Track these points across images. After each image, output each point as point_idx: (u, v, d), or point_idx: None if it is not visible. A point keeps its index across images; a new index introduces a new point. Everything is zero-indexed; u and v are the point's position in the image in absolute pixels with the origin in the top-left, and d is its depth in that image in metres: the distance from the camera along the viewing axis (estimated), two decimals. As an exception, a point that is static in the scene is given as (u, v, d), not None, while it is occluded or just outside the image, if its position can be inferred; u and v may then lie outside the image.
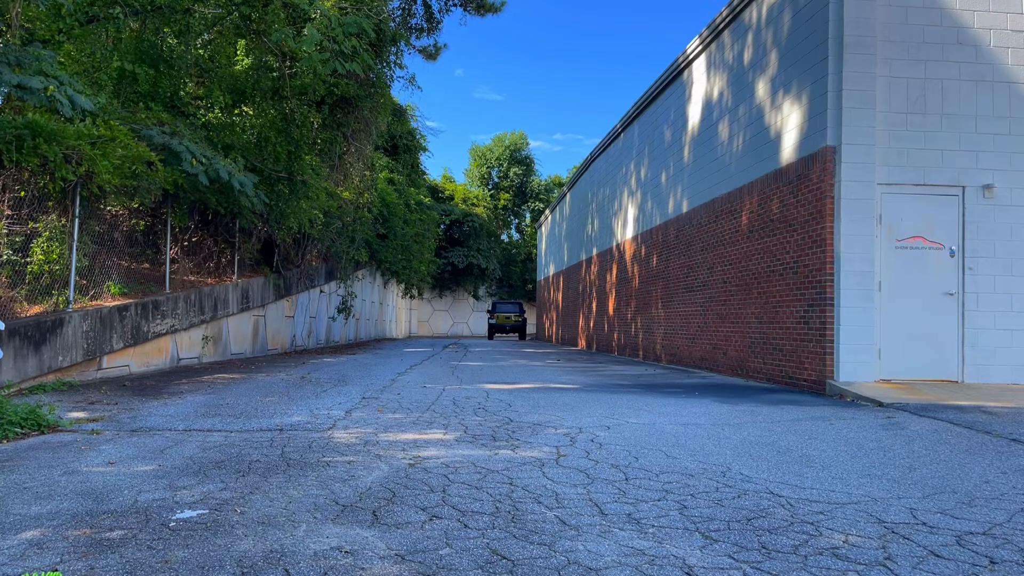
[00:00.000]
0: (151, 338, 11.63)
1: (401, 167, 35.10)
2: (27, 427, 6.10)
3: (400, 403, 8.55)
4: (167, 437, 6.04)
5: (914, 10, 10.25)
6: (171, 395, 8.78)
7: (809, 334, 10.42)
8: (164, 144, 10.89)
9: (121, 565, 3.09)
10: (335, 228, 20.84)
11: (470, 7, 18.07)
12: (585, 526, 3.75)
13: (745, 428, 6.93)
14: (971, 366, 10.09)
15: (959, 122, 10.23)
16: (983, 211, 10.21)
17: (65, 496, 4.17)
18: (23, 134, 8.40)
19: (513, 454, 5.58)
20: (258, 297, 16.69)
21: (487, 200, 54.75)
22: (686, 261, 15.95)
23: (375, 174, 26.12)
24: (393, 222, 29.48)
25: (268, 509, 3.96)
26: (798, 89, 10.95)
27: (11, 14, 9.17)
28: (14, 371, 8.41)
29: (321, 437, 6.16)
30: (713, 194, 14.32)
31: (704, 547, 3.47)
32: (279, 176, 15.04)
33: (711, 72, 14.80)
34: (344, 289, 23.93)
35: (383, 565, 3.14)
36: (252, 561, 3.16)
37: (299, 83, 14.41)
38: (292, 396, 8.94)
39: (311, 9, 10.60)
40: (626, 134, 21.91)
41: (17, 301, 9.23)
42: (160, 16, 12.33)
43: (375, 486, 4.50)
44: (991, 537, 3.69)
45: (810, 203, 10.47)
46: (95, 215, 10.69)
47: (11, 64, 7.98)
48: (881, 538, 3.64)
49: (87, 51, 11.91)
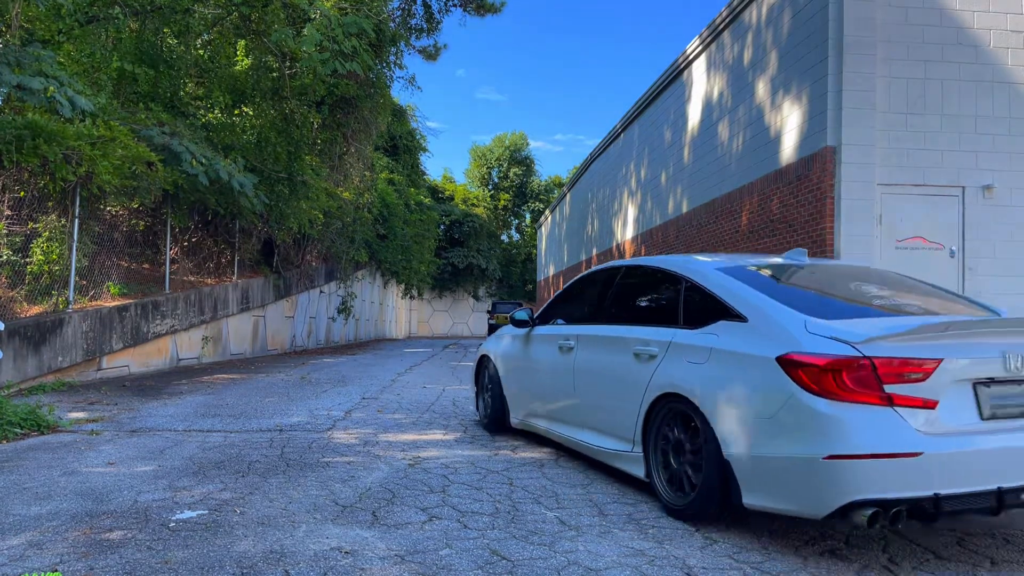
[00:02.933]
0: (151, 338, 11.63)
1: (401, 167, 35.11)
2: (27, 427, 6.10)
3: (400, 403, 8.55)
4: (167, 437, 6.04)
5: (914, 10, 10.25)
6: (171, 395, 8.78)
7: (809, 334, 10.41)
8: (164, 144, 10.88)
9: (121, 565, 3.09)
10: (335, 228, 20.84)
11: (470, 7, 18.07)
12: (585, 526, 3.75)
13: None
14: (971, 366, 10.08)
15: (959, 122, 10.23)
16: (983, 212, 10.21)
17: (65, 496, 4.16)
18: (23, 134, 8.39)
19: (513, 455, 5.58)
20: (258, 297, 16.69)
21: (487, 200, 54.77)
22: (686, 261, 15.93)
23: (375, 174, 26.13)
24: (393, 222, 29.49)
25: (268, 509, 3.96)
26: (798, 89, 10.96)
27: (11, 14, 9.17)
28: (14, 371, 8.41)
29: (321, 437, 6.16)
30: (713, 194, 14.32)
31: (704, 547, 3.47)
32: (279, 176, 15.03)
33: (711, 72, 14.80)
34: (344, 289, 23.94)
35: (383, 565, 3.14)
36: (252, 561, 3.16)
37: (299, 83, 14.41)
38: (292, 396, 8.94)
39: (311, 9, 10.60)
40: (626, 134, 21.92)
41: (17, 301, 9.23)
42: (160, 16, 12.33)
43: (375, 486, 4.50)
44: (991, 537, 3.69)
45: (810, 203, 10.48)
46: (95, 215, 10.69)
47: (11, 64, 7.98)
48: (881, 538, 3.65)
49: (87, 51, 11.91)
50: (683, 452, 4.02)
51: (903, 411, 3.25)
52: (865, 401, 3.26)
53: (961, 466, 3.23)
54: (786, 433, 3.40)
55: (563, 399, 5.49)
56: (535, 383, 5.99)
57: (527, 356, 6.18)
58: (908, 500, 3.14)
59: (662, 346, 4.34)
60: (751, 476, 3.54)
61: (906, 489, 3.14)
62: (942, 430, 3.26)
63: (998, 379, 3.43)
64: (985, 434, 3.33)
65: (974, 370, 3.40)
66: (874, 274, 5.10)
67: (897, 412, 3.24)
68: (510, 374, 6.47)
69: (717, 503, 3.74)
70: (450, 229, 47.38)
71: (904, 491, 3.13)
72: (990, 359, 3.43)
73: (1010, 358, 3.44)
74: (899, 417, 3.23)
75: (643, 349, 4.48)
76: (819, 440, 3.26)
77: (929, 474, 3.15)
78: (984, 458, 3.27)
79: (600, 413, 4.95)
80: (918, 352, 3.32)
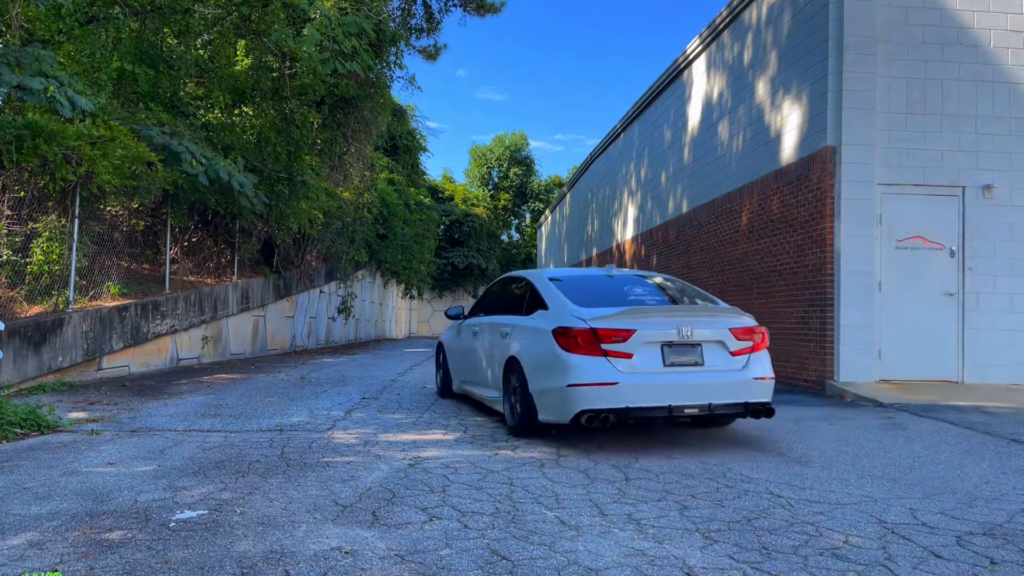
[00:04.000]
0: (151, 338, 11.63)
1: (401, 167, 35.09)
2: (27, 427, 6.10)
3: (400, 403, 8.55)
4: (167, 437, 6.04)
5: (914, 10, 10.25)
6: (171, 395, 8.78)
7: (809, 334, 10.42)
8: (164, 144, 10.88)
9: (121, 565, 3.09)
10: (335, 228, 20.84)
11: (470, 7, 18.05)
12: (585, 526, 3.75)
13: (745, 428, 6.93)
14: (971, 366, 10.09)
15: (959, 122, 10.23)
16: (983, 211, 10.21)
17: (65, 496, 4.16)
18: (23, 134, 8.39)
19: (513, 454, 5.58)
20: (258, 297, 16.69)
21: (487, 200, 54.76)
22: (686, 261, 15.95)
23: (375, 174, 26.11)
24: (393, 222, 29.48)
25: (268, 509, 3.96)
26: (798, 89, 10.96)
27: (11, 14, 9.17)
28: (14, 371, 8.41)
29: (321, 437, 6.16)
30: (713, 194, 14.32)
31: (704, 547, 3.47)
32: (279, 176, 15.03)
33: (711, 72, 14.80)
34: (344, 289, 23.93)
35: (383, 565, 3.14)
36: (252, 561, 3.16)
37: (299, 83, 14.40)
38: (292, 396, 8.94)
39: (311, 9, 10.59)
40: (626, 134, 21.91)
41: (17, 301, 9.23)
42: (160, 16, 12.33)
43: (375, 486, 4.50)
44: (991, 537, 3.69)
45: (810, 203, 10.47)
46: (95, 215, 10.68)
47: (11, 64, 7.98)
48: (881, 538, 3.64)
49: (87, 51, 11.90)
50: (517, 393, 6.29)
51: (612, 360, 5.58)
52: (591, 354, 5.59)
53: (645, 391, 5.55)
54: (553, 374, 5.72)
55: (474, 368, 7.92)
56: (463, 359, 8.42)
57: (459, 341, 8.65)
58: (611, 410, 5.48)
59: (511, 327, 6.77)
60: (540, 401, 5.88)
61: (611, 403, 5.49)
62: (636, 371, 5.57)
63: (675, 343, 5.72)
64: (663, 375, 5.64)
65: (659, 336, 5.68)
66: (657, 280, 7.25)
67: (609, 360, 5.57)
68: (451, 354, 8.95)
69: (529, 421, 6.06)
70: (450, 229, 47.36)
71: (609, 404, 5.49)
72: (669, 330, 5.71)
73: (682, 329, 5.72)
74: (609, 363, 5.56)
75: (504, 330, 6.90)
76: (566, 376, 5.58)
77: (624, 395, 5.48)
78: (660, 388, 5.58)
79: (488, 374, 7.34)
80: (622, 325, 5.63)
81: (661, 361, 5.64)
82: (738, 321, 6.03)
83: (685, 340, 5.71)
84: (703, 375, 5.74)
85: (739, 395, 5.77)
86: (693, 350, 5.78)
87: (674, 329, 5.68)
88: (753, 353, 5.99)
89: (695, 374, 5.71)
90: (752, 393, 5.83)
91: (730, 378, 5.79)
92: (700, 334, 5.79)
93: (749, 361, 5.93)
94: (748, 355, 5.95)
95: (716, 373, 5.77)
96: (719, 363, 5.82)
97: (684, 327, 5.71)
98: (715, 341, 5.85)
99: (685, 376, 5.67)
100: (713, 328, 5.88)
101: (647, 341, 5.60)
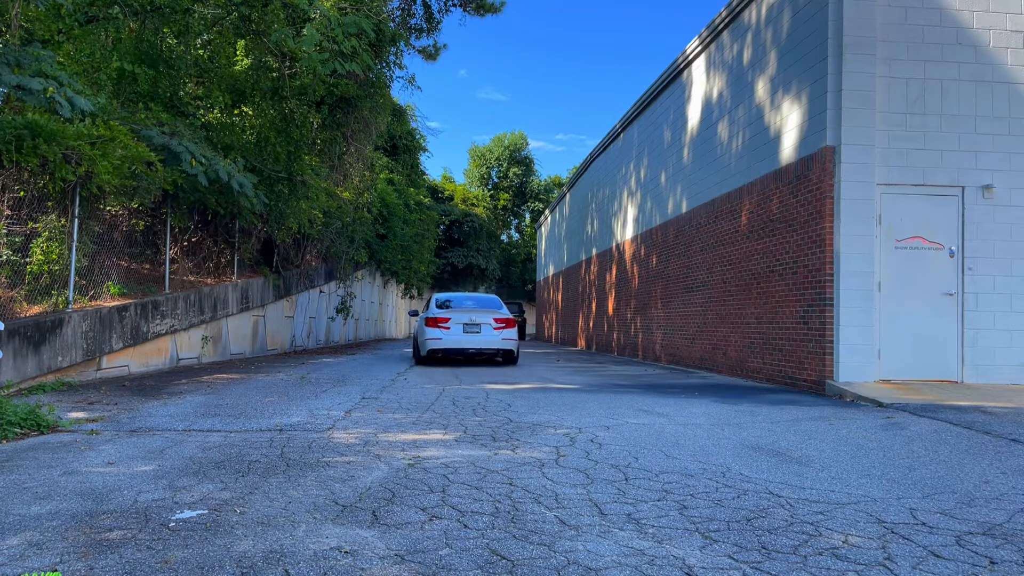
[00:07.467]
0: (151, 338, 11.63)
1: (401, 167, 35.09)
2: (26, 427, 6.10)
3: (400, 403, 8.55)
4: (167, 437, 6.04)
5: (914, 10, 10.25)
6: (171, 395, 8.78)
7: (809, 334, 10.42)
8: (164, 144, 10.88)
9: (121, 565, 3.09)
10: (335, 228, 20.84)
11: (469, 7, 18.06)
12: (585, 526, 3.75)
13: (745, 428, 6.94)
14: (970, 366, 10.10)
15: (959, 122, 10.24)
16: (982, 211, 10.21)
17: (65, 496, 4.16)
18: (23, 134, 8.39)
19: (513, 454, 5.58)
20: (258, 297, 16.69)
21: (487, 200, 54.77)
22: (686, 261, 15.95)
23: (375, 174, 26.11)
24: (393, 222, 29.48)
25: (268, 509, 3.96)
26: (797, 89, 10.96)
27: (11, 14, 9.17)
28: (14, 371, 8.41)
29: (321, 437, 6.16)
30: (713, 194, 14.32)
31: (704, 547, 3.47)
32: (279, 176, 15.03)
33: (711, 72, 14.80)
34: (343, 289, 23.93)
35: (383, 565, 3.14)
36: (252, 561, 3.16)
37: (299, 83, 14.41)
38: (292, 396, 8.94)
39: (311, 9, 10.59)
40: (626, 134, 21.91)
41: (17, 301, 9.22)
42: (160, 16, 12.33)
43: (375, 486, 4.50)
44: (991, 537, 3.69)
45: (810, 203, 10.48)
46: (95, 215, 10.68)
47: (11, 64, 7.97)
48: (881, 538, 3.64)
49: (86, 51, 11.90)
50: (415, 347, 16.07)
51: (442, 330, 14.90)
52: (435, 327, 14.92)
53: (454, 343, 14.89)
54: (423, 337, 15.07)
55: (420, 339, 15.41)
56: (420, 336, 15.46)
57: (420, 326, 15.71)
58: (440, 350, 14.95)
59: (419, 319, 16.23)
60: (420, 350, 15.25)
61: (441, 347, 14.88)
62: (451, 335, 14.87)
63: (469, 323, 15.01)
64: (461, 336, 14.93)
65: (461, 320, 15.02)
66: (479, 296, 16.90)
67: (440, 330, 14.88)
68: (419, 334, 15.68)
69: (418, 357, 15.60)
70: (450, 229, 47.36)
71: (440, 347, 14.88)
72: (466, 319, 15.05)
73: (472, 317, 15.10)
74: (441, 331, 14.88)
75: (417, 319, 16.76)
76: (427, 337, 14.89)
77: (445, 344, 14.89)
78: (461, 341, 14.92)
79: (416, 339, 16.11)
80: (445, 314, 15.12)
81: (462, 331, 14.89)
82: (499, 314, 15.28)
83: (472, 322, 14.97)
84: (480, 337, 14.95)
85: (495, 346, 15.07)
86: (477, 327, 14.96)
87: (467, 318, 14.99)
88: (505, 329, 15.09)
89: (476, 336, 14.93)
90: (502, 346, 15.14)
91: (491, 338, 14.98)
92: (479, 319, 15.01)
93: (503, 333, 15.04)
94: (503, 330, 15.05)
95: (486, 337, 14.96)
96: (488, 332, 14.97)
97: (473, 317, 15.04)
98: (486, 323, 14.99)
99: (472, 337, 14.91)
100: (485, 318, 15.06)
101: (456, 323, 14.91)
